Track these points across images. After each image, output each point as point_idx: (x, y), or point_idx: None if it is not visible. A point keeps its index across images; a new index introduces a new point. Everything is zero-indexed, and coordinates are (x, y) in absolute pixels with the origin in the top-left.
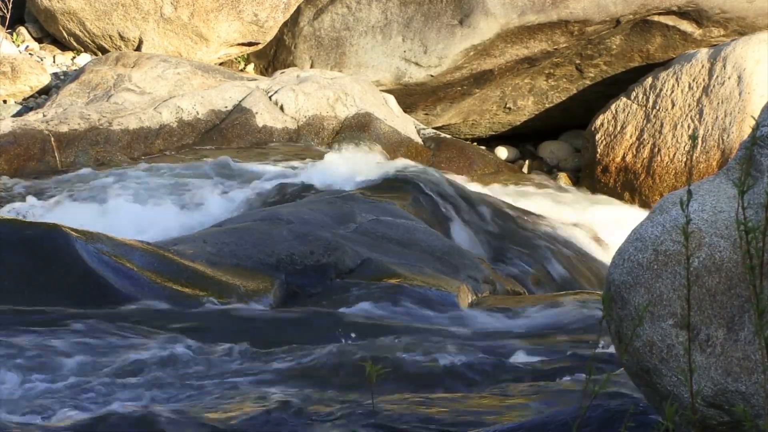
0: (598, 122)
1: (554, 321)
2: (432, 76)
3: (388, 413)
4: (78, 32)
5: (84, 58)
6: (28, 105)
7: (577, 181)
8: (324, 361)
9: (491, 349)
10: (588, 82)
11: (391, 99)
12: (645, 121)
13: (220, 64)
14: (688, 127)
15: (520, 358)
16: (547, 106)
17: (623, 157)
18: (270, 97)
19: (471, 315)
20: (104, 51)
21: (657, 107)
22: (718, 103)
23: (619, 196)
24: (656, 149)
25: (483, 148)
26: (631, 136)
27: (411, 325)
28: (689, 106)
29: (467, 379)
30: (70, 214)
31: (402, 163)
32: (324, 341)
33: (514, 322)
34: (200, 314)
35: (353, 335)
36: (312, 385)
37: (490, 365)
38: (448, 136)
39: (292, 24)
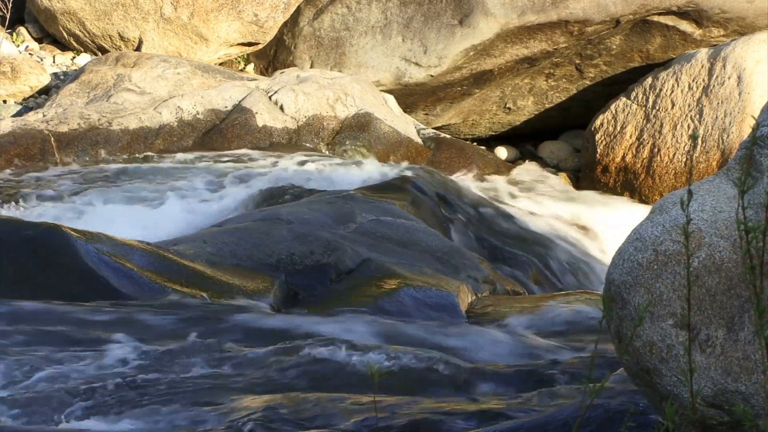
0: (598, 122)
1: (554, 321)
2: (432, 76)
3: (388, 414)
4: (78, 32)
5: (84, 58)
6: (28, 105)
7: (577, 181)
8: (323, 361)
9: (491, 349)
10: (588, 82)
11: (391, 99)
12: (645, 121)
13: (220, 64)
14: (688, 127)
15: (519, 358)
16: (547, 106)
17: (623, 157)
18: (270, 97)
19: (470, 315)
20: (104, 51)
21: (657, 107)
22: (718, 103)
23: (619, 196)
24: (656, 149)
25: (483, 148)
26: (630, 136)
27: (410, 326)
28: (689, 106)
29: (467, 379)
30: (70, 214)
31: (402, 164)
32: (323, 341)
33: (514, 323)
34: (200, 314)
35: (353, 336)
36: (311, 385)
37: (490, 365)
38: (448, 136)
39: (292, 24)
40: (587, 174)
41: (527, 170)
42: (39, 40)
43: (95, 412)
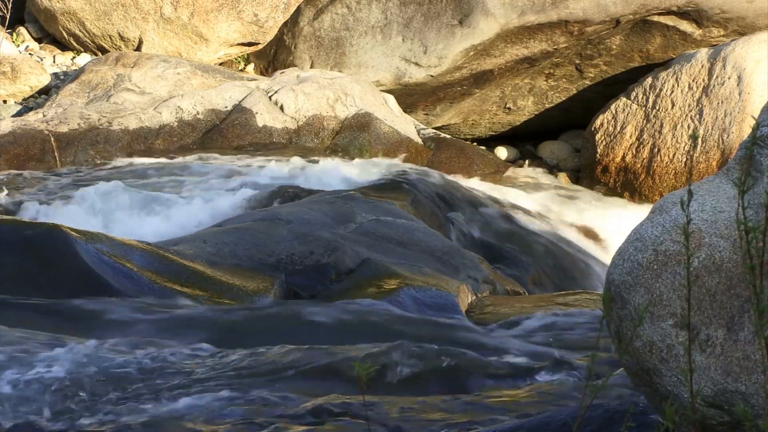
0: (598, 122)
1: (554, 321)
2: (432, 76)
3: (386, 414)
4: (78, 32)
5: (84, 58)
6: (28, 105)
7: (577, 181)
8: (322, 361)
9: (491, 349)
10: (588, 82)
11: (391, 99)
12: (645, 121)
13: (220, 64)
14: (688, 127)
15: (519, 358)
16: (547, 106)
17: (623, 157)
18: (270, 97)
19: (470, 315)
20: (104, 51)
21: (657, 107)
22: (718, 103)
23: (619, 196)
24: (656, 149)
25: (483, 148)
26: (630, 136)
27: (410, 326)
28: (689, 106)
29: (466, 378)
30: (69, 213)
31: (402, 164)
32: (323, 342)
33: (514, 323)
34: (200, 314)
35: (352, 336)
36: (310, 385)
37: (489, 365)
38: (448, 136)
39: (292, 24)
40: (587, 174)
41: (527, 170)
42: (39, 40)
43: (94, 410)
